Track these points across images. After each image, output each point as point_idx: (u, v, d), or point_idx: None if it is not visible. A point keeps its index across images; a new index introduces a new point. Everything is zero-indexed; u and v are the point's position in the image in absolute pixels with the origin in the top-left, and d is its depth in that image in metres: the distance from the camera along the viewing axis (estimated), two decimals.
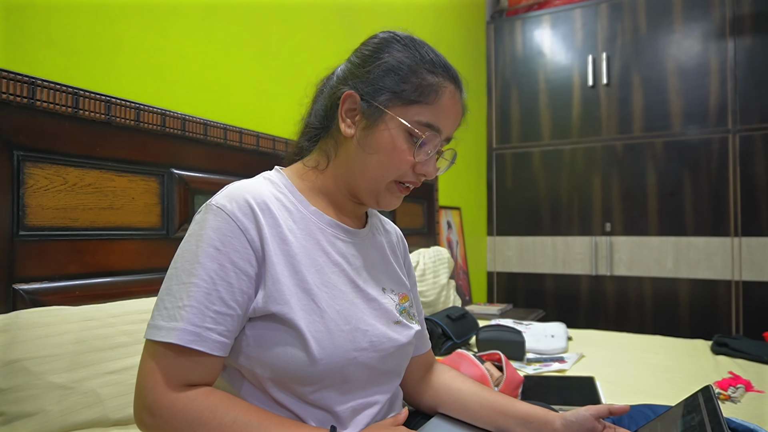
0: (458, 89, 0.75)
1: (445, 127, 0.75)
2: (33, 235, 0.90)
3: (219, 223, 0.66)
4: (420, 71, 0.72)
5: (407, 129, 0.72)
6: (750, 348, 1.72)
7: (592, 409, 0.77)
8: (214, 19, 1.38)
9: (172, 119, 1.17)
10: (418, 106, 0.72)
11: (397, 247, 0.91)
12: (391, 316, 0.78)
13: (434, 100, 0.72)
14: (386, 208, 0.78)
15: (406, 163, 0.73)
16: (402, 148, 0.72)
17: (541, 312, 2.90)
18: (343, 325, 0.70)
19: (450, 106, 0.74)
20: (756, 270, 2.76)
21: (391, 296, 0.81)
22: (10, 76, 0.87)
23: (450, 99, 0.73)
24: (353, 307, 0.73)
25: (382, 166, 0.73)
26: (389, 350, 0.75)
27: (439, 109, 0.73)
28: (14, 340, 0.79)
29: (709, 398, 0.71)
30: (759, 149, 2.77)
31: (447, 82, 0.73)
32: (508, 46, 3.43)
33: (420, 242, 2.40)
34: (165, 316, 0.62)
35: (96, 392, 0.84)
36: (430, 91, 0.72)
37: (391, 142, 0.72)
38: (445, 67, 0.74)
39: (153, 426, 0.61)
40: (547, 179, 3.29)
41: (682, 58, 2.94)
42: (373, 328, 0.73)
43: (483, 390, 0.86)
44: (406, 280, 0.88)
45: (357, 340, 0.71)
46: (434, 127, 0.73)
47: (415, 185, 0.77)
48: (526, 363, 1.67)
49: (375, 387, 0.75)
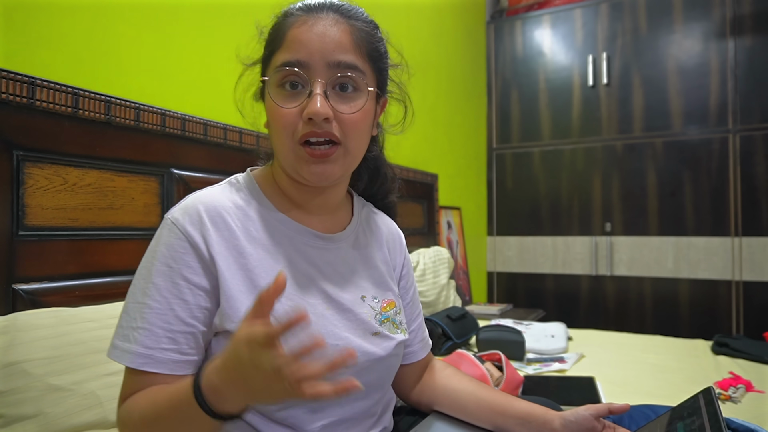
0: (314, 13, 0.67)
1: (309, 56, 0.64)
2: (33, 235, 0.90)
3: (171, 239, 0.64)
4: (271, 30, 0.70)
5: (269, 83, 0.66)
6: (750, 348, 1.72)
7: (592, 408, 0.75)
8: (214, 19, 1.37)
9: (172, 119, 1.17)
10: (272, 57, 0.68)
11: (388, 245, 0.84)
12: (369, 327, 0.72)
13: (282, 40, 0.67)
14: (313, 180, 0.68)
15: (286, 115, 0.65)
16: (273, 103, 0.66)
17: (541, 312, 2.90)
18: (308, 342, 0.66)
19: (301, 32, 0.66)
20: (756, 270, 2.76)
21: (372, 304, 0.75)
22: (9, 76, 0.87)
23: (299, 27, 0.66)
24: (322, 320, 0.68)
25: (274, 132, 0.67)
26: (364, 365, 0.69)
27: (288, 44, 0.66)
28: (13, 342, 0.78)
29: (710, 401, 0.70)
30: (759, 149, 2.76)
31: (292, 18, 0.67)
32: (508, 46, 3.42)
33: (420, 242, 2.40)
34: (120, 335, 0.62)
35: (95, 394, 0.83)
36: (277, 35, 0.68)
37: (268, 106, 0.68)
38: (296, 8, 0.69)
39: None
40: (547, 179, 3.29)
41: (682, 58, 2.94)
42: (346, 342, 0.68)
43: (480, 389, 0.84)
44: (394, 285, 0.82)
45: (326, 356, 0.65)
46: (289, 62, 0.65)
47: (317, 135, 0.65)
48: (526, 363, 1.67)
49: (352, 403, 0.70)
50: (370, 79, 0.70)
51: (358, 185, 0.87)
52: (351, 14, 0.70)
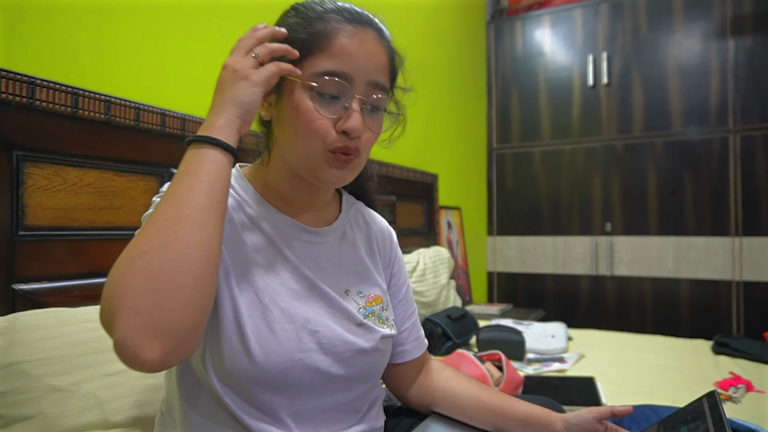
0: (362, 28, 0.67)
1: (355, 71, 0.65)
2: (32, 235, 0.90)
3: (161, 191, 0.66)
4: (307, 26, 0.66)
5: (306, 86, 0.65)
6: (751, 348, 1.72)
7: (595, 410, 0.75)
8: (214, 19, 1.37)
9: (172, 119, 1.16)
10: (311, 58, 0.65)
11: (376, 242, 0.83)
12: (353, 318, 0.71)
13: (327, 45, 0.65)
14: (334, 183, 0.69)
15: (319, 123, 0.65)
16: (308, 107, 0.64)
17: (542, 312, 2.89)
18: (287, 324, 0.65)
19: (350, 45, 0.65)
20: (757, 270, 2.76)
21: (356, 298, 0.74)
22: (9, 76, 0.86)
23: (349, 38, 0.65)
24: (302, 306, 0.67)
25: (300, 135, 0.66)
26: (344, 354, 0.68)
27: (335, 53, 0.65)
28: (13, 342, 0.78)
29: (714, 405, 0.69)
30: (759, 149, 2.76)
31: (341, 24, 0.66)
32: (508, 46, 3.42)
33: (420, 242, 2.40)
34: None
35: (95, 395, 0.83)
36: (320, 38, 0.65)
37: (296, 106, 0.65)
38: (338, 11, 0.67)
39: None
40: (547, 179, 3.29)
41: (682, 58, 2.94)
42: (326, 329, 0.67)
43: (480, 390, 0.83)
44: (382, 281, 0.81)
45: (303, 341, 0.65)
46: (336, 73, 0.64)
47: (352, 150, 0.67)
48: (527, 363, 1.67)
49: (330, 394, 0.68)
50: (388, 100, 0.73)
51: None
52: (385, 36, 0.71)
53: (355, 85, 0.66)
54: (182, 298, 0.50)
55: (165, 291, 0.49)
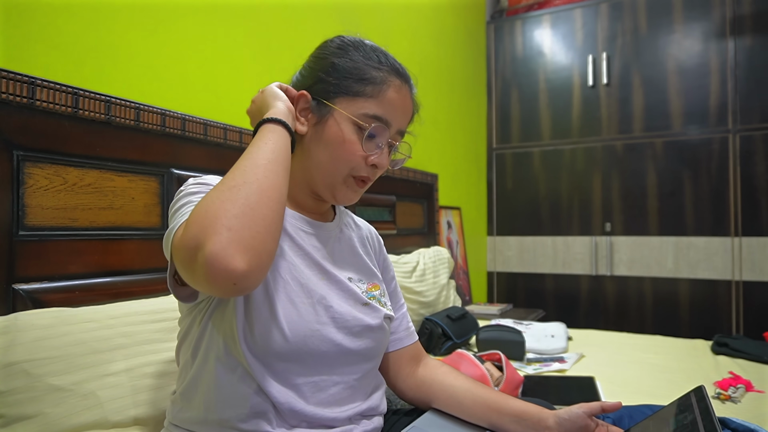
0: (405, 84, 0.79)
1: (394, 120, 0.77)
2: (33, 235, 0.90)
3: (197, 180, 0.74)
4: (365, 68, 0.77)
5: (354, 122, 0.75)
6: (750, 348, 1.72)
7: (585, 406, 0.78)
8: (214, 20, 1.37)
9: (172, 119, 1.17)
10: (364, 99, 0.75)
11: (368, 241, 0.92)
12: (359, 298, 0.79)
13: (379, 94, 0.76)
14: (344, 202, 0.80)
15: (357, 155, 0.75)
16: (351, 140, 0.75)
17: (541, 312, 2.90)
18: (305, 298, 0.72)
19: (396, 99, 0.77)
20: (756, 270, 2.76)
21: (358, 285, 0.82)
22: (10, 76, 0.86)
23: (396, 92, 0.77)
24: (317, 285, 0.75)
25: (334, 159, 0.76)
26: (355, 329, 0.76)
27: (384, 102, 0.76)
28: (13, 342, 0.78)
29: (701, 398, 0.72)
30: (759, 149, 2.76)
31: (392, 77, 0.77)
32: (508, 46, 3.42)
33: (420, 242, 2.40)
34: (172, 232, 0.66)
35: (95, 394, 0.83)
36: (375, 85, 0.76)
37: (340, 135, 0.75)
38: (390, 65, 0.78)
39: None
40: (547, 179, 3.29)
41: (682, 58, 2.94)
42: (338, 306, 0.75)
43: (477, 386, 0.86)
44: (377, 272, 0.89)
45: (319, 313, 0.73)
46: (381, 119, 0.76)
47: (369, 179, 0.79)
48: (526, 363, 1.67)
49: (342, 367, 0.75)
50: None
51: None
52: (414, 91, 0.83)
53: (390, 130, 0.78)
54: (265, 224, 0.59)
55: (252, 216, 0.58)
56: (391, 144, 0.79)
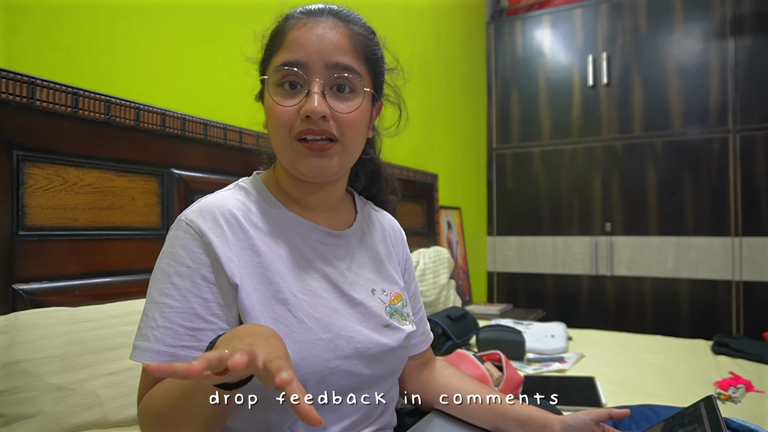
0: (315, 17, 0.70)
1: (308, 57, 0.67)
2: (33, 235, 0.90)
3: (188, 240, 0.65)
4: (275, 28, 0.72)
5: (268, 83, 0.69)
6: (750, 348, 1.72)
7: (593, 413, 0.76)
8: (214, 20, 1.37)
9: (172, 119, 1.17)
10: (274, 57, 0.70)
11: (390, 240, 0.87)
12: (380, 319, 0.75)
13: (282, 42, 0.69)
14: (313, 174, 0.69)
15: (284, 114, 0.67)
16: (271, 102, 0.68)
17: (541, 312, 2.89)
18: (323, 334, 0.67)
19: (302, 34, 0.68)
20: (756, 270, 2.76)
21: (381, 297, 0.77)
22: (9, 76, 0.86)
23: (300, 29, 0.69)
24: (335, 314, 0.70)
25: (272, 130, 0.70)
26: (376, 355, 0.72)
27: (289, 45, 0.68)
28: (13, 341, 0.78)
29: (711, 409, 0.69)
30: (759, 149, 2.76)
31: (293, 21, 0.70)
32: (508, 46, 3.42)
33: (420, 242, 2.40)
34: (140, 336, 0.63)
35: (95, 393, 0.83)
36: (276, 37, 0.71)
37: (269, 103, 0.69)
38: (295, 11, 0.72)
39: None
40: (547, 179, 3.29)
41: (682, 58, 2.94)
42: (359, 334, 0.71)
43: (481, 389, 0.85)
44: (399, 278, 0.84)
45: (340, 348, 0.68)
46: (290, 62, 0.67)
47: (313, 133, 0.67)
48: (526, 363, 1.67)
49: (361, 392, 0.71)
50: (366, 81, 0.72)
51: (356, 186, 0.89)
52: (349, 19, 0.72)
53: (311, 70, 0.67)
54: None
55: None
56: (321, 84, 0.67)
